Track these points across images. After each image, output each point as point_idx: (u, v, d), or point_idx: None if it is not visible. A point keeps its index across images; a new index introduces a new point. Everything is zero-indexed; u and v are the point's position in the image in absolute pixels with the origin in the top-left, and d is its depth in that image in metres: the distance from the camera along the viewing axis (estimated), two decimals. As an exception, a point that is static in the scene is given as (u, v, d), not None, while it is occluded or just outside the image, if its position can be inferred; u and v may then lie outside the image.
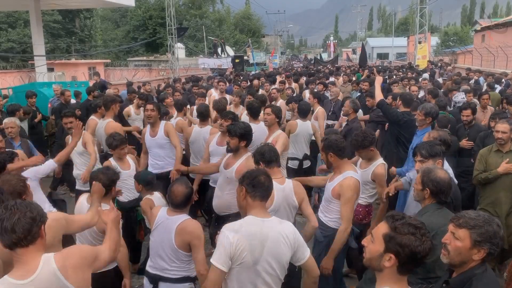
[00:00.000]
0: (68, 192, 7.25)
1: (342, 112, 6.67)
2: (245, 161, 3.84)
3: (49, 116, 9.10)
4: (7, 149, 4.34)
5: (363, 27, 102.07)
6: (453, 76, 13.10)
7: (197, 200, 4.69)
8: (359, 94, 9.78)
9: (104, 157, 5.41)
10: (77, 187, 5.33)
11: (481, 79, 13.18)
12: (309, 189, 4.76)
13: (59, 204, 4.39)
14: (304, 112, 6.09)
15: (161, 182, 4.81)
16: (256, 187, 2.45)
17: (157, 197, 3.98)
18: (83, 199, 3.70)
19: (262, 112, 5.50)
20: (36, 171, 3.95)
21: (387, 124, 6.02)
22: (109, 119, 5.79)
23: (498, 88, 10.63)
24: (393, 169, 4.57)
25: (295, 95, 9.28)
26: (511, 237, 4.32)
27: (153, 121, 5.32)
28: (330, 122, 7.65)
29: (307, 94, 8.98)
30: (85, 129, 5.71)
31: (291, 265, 2.57)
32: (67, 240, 2.84)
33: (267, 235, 2.36)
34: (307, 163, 6.02)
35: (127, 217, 4.45)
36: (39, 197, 3.58)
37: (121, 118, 7.20)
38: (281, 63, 45.80)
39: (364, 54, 24.15)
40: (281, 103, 7.97)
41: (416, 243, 1.75)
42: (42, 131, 8.62)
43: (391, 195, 3.88)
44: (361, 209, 4.05)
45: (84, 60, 28.36)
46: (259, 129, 5.14)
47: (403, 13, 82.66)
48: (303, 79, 13.71)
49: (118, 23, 51.55)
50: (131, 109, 7.75)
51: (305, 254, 2.53)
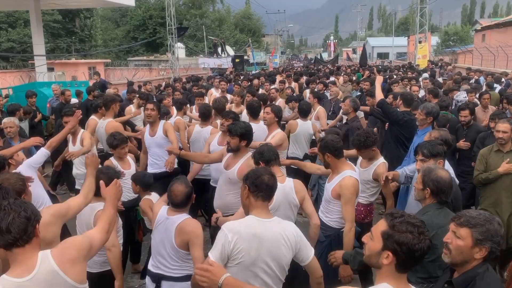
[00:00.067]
0: (68, 192, 7.25)
1: (341, 110, 6.67)
2: (246, 161, 3.82)
3: (49, 116, 9.10)
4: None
5: (363, 26, 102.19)
6: (453, 75, 13.10)
7: (197, 199, 4.66)
8: (359, 93, 9.77)
9: (104, 156, 5.39)
10: (77, 187, 5.32)
11: (482, 79, 13.18)
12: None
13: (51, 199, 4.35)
14: (304, 112, 6.09)
15: (160, 181, 4.79)
16: (259, 187, 2.42)
17: (155, 197, 3.97)
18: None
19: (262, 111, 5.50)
20: (30, 162, 3.88)
21: (387, 123, 6.01)
22: (110, 118, 5.78)
23: (498, 87, 10.62)
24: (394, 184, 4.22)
25: (294, 94, 9.29)
26: (513, 238, 4.29)
27: (153, 121, 5.32)
28: (329, 122, 7.63)
29: (307, 93, 8.97)
30: (84, 128, 5.72)
31: (295, 267, 2.55)
32: (63, 231, 2.81)
33: (266, 236, 2.34)
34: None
35: (126, 217, 4.45)
36: (38, 191, 3.52)
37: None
38: (281, 62, 45.77)
39: (364, 54, 24.18)
40: (280, 102, 7.97)
41: (413, 242, 1.74)
42: (42, 131, 8.61)
43: (390, 178, 3.79)
44: (362, 208, 4.04)
45: (84, 60, 28.35)
46: (259, 129, 5.13)
47: (403, 13, 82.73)
48: (303, 79, 13.71)
49: (118, 23, 51.56)
50: (131, 108, 7.74)
51: (309, 255, 2.50)
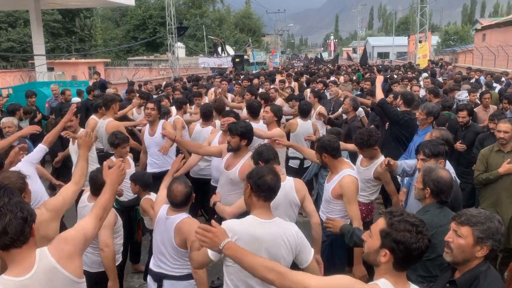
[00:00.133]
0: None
1: (341, 109, 6.66)
2: (248, 161, 3.77)
3: (48, 115, 9.09)
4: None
5: (363, 26, 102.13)
6: (454, 75, 13.09)
7: (197, 199, 4.65)
8: (359, 93, 9.77)
9: (104, 156, 5.39)
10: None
11: (482, 78, 13.17)
12: (310, 188, 4.74)
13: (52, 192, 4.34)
14: (304, 111, 6.07)
15: (159, 181, 4.77)
16: (261, 187, 2.38)
17: (155, 197, 3.96)
18: (84, 197, 3.68)
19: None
20: (30, 159, 3.89)
21: (387, 123, 6.00)
22: (110, 118, 5.77)
23: (497, 87, 10.61)
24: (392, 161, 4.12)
25: (295, 94, 9.28)
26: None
27: (153, 120, 5.31)
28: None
29: (308, 93, 8.97)
30: (84, 128, 5.71)
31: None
32: (60, 227, 2.79)
33: (265, 238, 2.33)
34: (308, 162, 6.00)
35: (127, 217, 4.44)
36: (35, 188, 3.49)
37: (123, 117, 7.15)
38: (282, 62, 45.75)
39: (365, 54, 24.24)
40: (279, 101, 7.96)
41: (411, 240, 1.74)
42: (42, 130, 8.59)
43: (392, 164, 3.78)
44: (363, 208, 4.02)
45: (84, 59, 28.39)
46: (259, 128, 5.12)
47: (403, 12, 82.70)
48: (304, 78, 13.71)
49: (118, 23, 51.56)
50: (133, 111, 7.72)
51: (308, 258, 2.47)
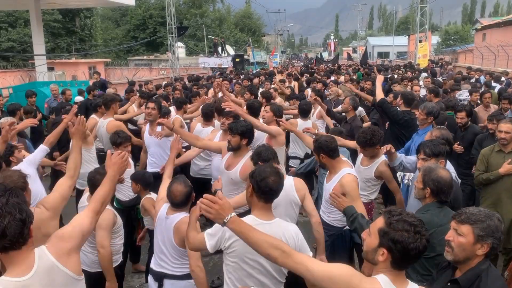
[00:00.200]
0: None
1: (341, 107, 6.66)
2: (248, 161, 3.74)
3: (49, 115, 9.09)
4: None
5: (363, 26, 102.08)
6: (454, 75, 13.08)
7: (198, 199, 4.62)
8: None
9: (104, 156, 5.38)
10: (77, 187, 5.31)
11: (482, 78, 13.17)
12: (310, 188, 4.73)
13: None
14: (304, 111, 6.06)
15: (159, 181, 4.76)
16: (262, 189, 2.37)
17: (155, 197, 3.95)
18: (84, 198, 3.67)
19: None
20: (32, 160, 3.91)
21: (387, 123, 6.00)
22: (110, 118, 5.78)
23: (497, 86, 10.60)
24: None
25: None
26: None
27: (153, 119, 5.30)
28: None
29: (309, 92, 8.97)
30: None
31: None
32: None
33: None
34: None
35: (128, 216, 4.44)
36: (36, 188, 3.49)
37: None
38: (282, 62, 45.75)
39: (366, 54, 24.30)
40: (278, 101, 7.97)
41: (408, 240, 1.74)
42: (42, 130, 8.60)
43: (393, 151, 3.78)
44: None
45: (84, 59, 28.40)
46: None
47: (403, 12, 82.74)
48: (304, 78, 13.71)
49: (118, 22, 51.56)
50: (133, 108, 7.72)
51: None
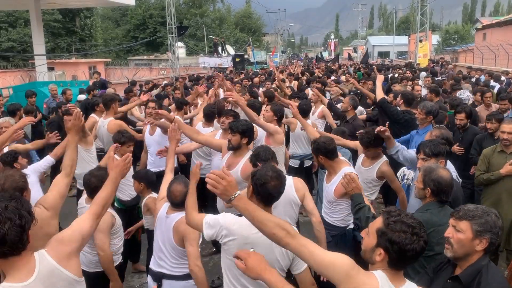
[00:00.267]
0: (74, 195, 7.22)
1: (341, 107, 6.67)
2: (249, 161, 3.72)
3: (48, 115, 9.10)
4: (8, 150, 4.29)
5: (364, 25, 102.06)
6: (454, 74, 13.09)
7: (198, 198, 4.62)
8: (358, 92, 9.72)
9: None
10: (78, 187, 5.32)
11: (482, 78, 13.17)
12: (310, 188, 4.73)
13: None
14: (304, 111, 6.06)
15: (159, 180, 4.76)
16: (261, 194, 2.34)
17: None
18: (83, 199, 3.67)
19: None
20: (36, 168, 3.95)
21: (387, 122, 5.99)
22: (110, 117, 5.78)
23: (497, 86, 10.58)
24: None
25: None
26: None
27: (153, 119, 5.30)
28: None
29: (310, 92, 8.97)
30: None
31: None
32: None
33: (259, 241, 2.27)
34: (308, 162, 6.00)
35: (129, 215, 4.44)
36: (34, 194, 3.51)
37: (123, 116, 7.16)
38: (282, 62, 45.77)
39: (367, 54, 24.38)
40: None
41: (405, 242, 1.74)
42: (42, 130, 8.61)
43: (387, 134, 3.84)
44: (364, 207, 4.03)
45: (84, 59, 28.43)
46: (259, 129, 5.10)
47: (404, 12, 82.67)
48: (304, 78, 13.71)
49: (118, 22, 51.60)
50: (135, 108, 7.72)
51: (301, 266, 2.41)
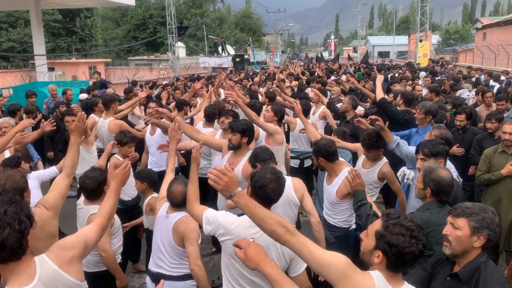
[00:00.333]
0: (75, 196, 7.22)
1: (340, 107, 6.67)
2: (248, 162, 3.70)
3: (48, 116, 9.10)
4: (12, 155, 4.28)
5: (364, 25, 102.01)
6: (454, 74, 13.09)
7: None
8: (358, 92, 9.73)
9: (105, 155, 5.40)
10: (78, 187, 5.32)
11: (482, 77, 13.17)
12: (309, 189, 4.73)
13: None
14: (304, 111, 6.05)
15: (160, 180, 4.76)
16: (260, 196, 2.32)
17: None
18: (81, 200, 3.65)
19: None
20: (39, 175, 4.06)
21: (387, 122, 5.99)
22: (111, 117, 5.78)
23: (496, 86, 10.57)
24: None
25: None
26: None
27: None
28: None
29: (310, 92, 8.97)
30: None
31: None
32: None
33: (257, 240, 2.24)
34: (308, 162, 6.00)
35: (130, 215, 4.45)
36: (34, 200, 3.52)
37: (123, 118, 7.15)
38: (282, 61, 45.77)
39: (367, 54, 24.45)
40: (277, 100, 7.97)
41: (404, 245, 1.74)
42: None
43: (382, 125, 3.92)
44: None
45: (84, 59, 28.43)
46: (260, 129, 5.10)
47: (404, 12, 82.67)
48: (304, 78, 13.73)
49: (118, 22, 51.60)
50: (136, 108, 7.73)
51: (299, 268, 2.40)
